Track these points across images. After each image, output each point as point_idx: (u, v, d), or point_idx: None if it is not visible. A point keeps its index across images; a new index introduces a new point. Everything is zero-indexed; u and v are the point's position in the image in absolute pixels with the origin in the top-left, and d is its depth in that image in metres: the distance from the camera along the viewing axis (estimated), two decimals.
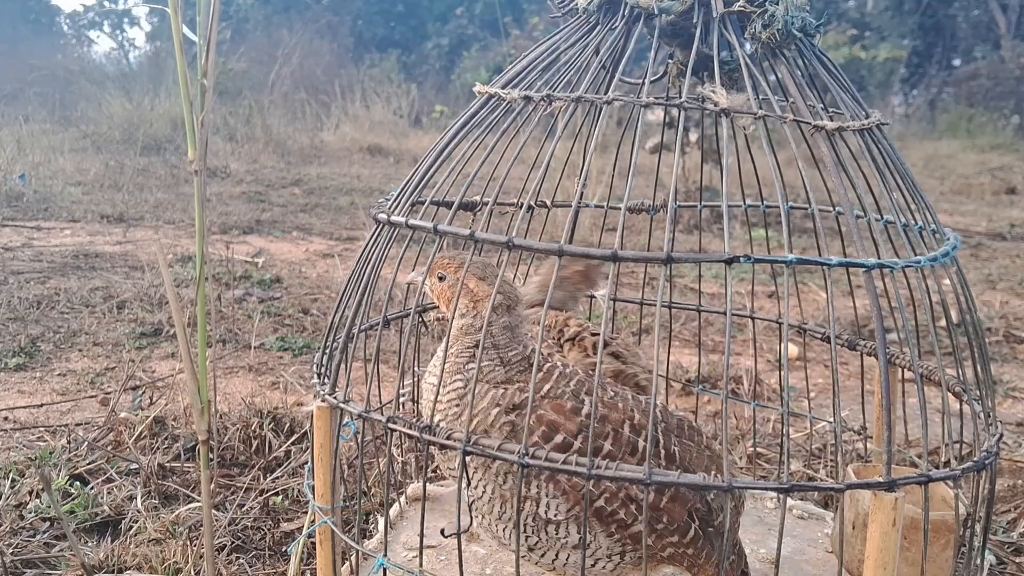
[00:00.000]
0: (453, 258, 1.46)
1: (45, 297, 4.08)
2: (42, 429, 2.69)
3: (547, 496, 1.33)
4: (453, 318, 1.38)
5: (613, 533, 1.35)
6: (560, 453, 1.22)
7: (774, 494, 2.12)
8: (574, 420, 1.32)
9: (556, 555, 1.39)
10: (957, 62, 18.94)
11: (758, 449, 2.55)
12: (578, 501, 1.32)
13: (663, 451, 1.38)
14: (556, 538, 1.36)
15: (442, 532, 1.51)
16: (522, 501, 1.33)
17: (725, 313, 1.17)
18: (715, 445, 1.49)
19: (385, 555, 1.38)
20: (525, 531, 1.36)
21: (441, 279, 1.47)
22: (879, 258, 1.22)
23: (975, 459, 1.31)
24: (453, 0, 21.33)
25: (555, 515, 1.34)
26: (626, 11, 1.42)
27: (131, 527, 2.08)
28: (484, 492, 1.38)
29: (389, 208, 1.49)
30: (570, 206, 1.46)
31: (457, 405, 1.38)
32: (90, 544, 2.06)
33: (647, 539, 1.31)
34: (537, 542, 1.37)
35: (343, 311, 1.53)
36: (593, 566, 1.39)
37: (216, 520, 2.11)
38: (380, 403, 1.67)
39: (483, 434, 1.31)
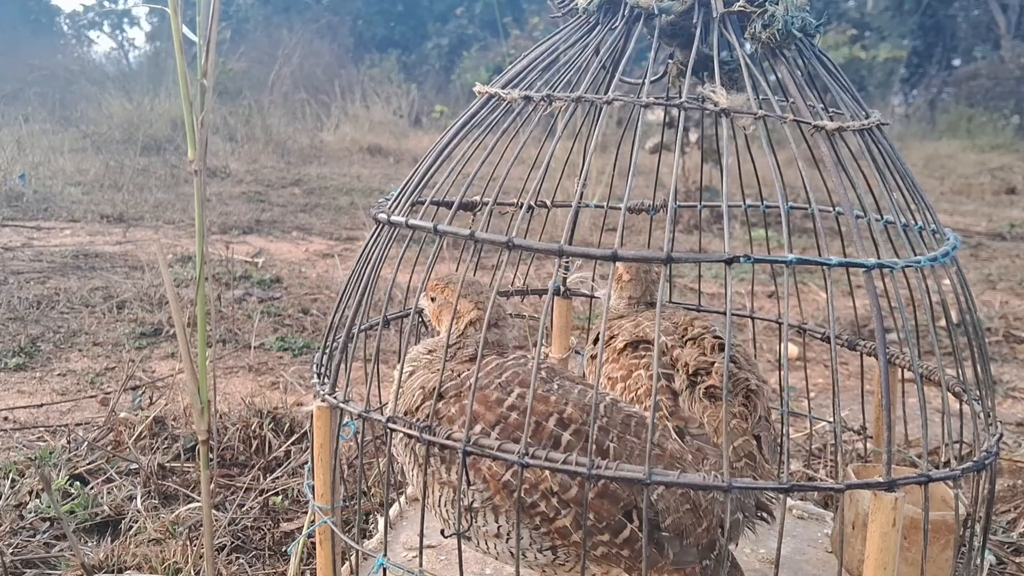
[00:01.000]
0: (441, 279, 1.60)
1: (45, 297, 4.08)
2: (42, 429, 2.69)
3: (465, 483, 1.33)
4: (448, 335, 1.40)
5: (538, 526, 1.33)
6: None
7: (774, 494, 2.11)
8: (494, 411, 1.34)
9: (486, 543, 1.39)
10: (957, 62, 18.94)
11: None
12: (498, 490, 1.32)
13: (595, 446, 1.29)
14: (477, 526, 1.36)
15: (442, 532, 1.51)
16: (442, 487, 1.39)
17: (725, 313, 1.17)
18: (669, 444, 1.44)
19: (385, 555, 1.38)
20: (447, 516, 1.38)
21: (432, 300, 1.60)
22: (879, 258, 1.22)
23: (975, 459, 1.31)
24: (453, 0, 21.33)
25: (472, 502, 1.34)
26: (626, 11, 1.42)
27: (131, 527, 2.08)
28: (411, 473, 1.46)
29: (389, 208, 1.49)
30: (570, 206, 1.47)
31: (400, 388, 1.45)
32: (90, 544, 2.06)
33: (574, 535, 1.31)
34: (467, 528, 1.38)
35: (343, 311, 1.53)
36: (524, 556, 1.36)
37: (216, 520, 2.11)
38: (380, 403, 1.67)
39: (408, 415, 1.41)
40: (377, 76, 15.23)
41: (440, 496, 1.40)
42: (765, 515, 1.55)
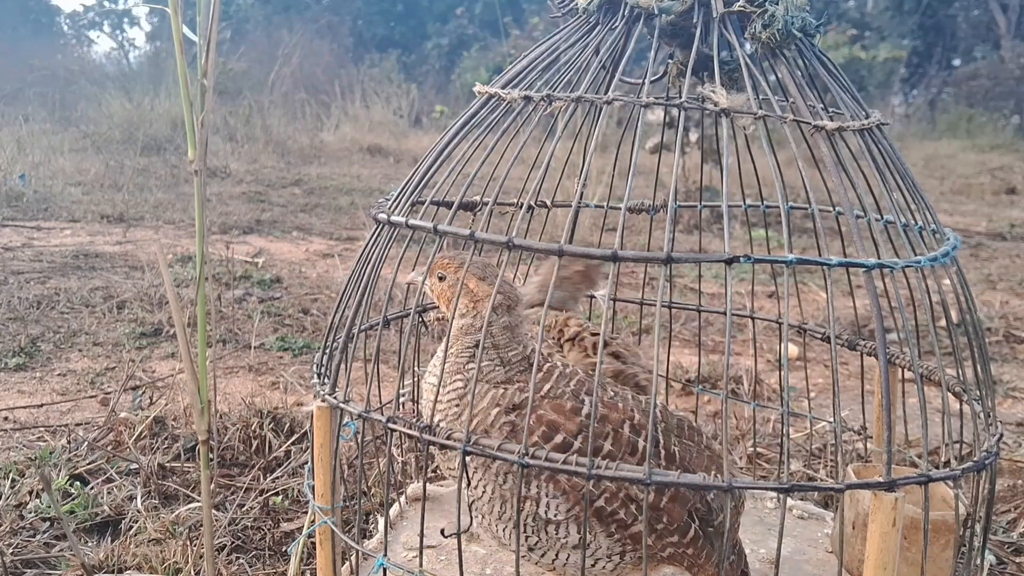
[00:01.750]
0: (453, 258, 1.47)
1: (45, 297, 4.08)
2: (42, 429, 2.69)
3: (547, 496, 1.33)
4: (453, 318, 1.38)
5: (613, 533, 1.35)
6: (560, 453, 1.22)
7: (774, 494, 2.12)
8: (574, 420, 1.32)
9: (556, 555, 1.39)
10: (957, 62, 18.94)
11: (758, 449, 2.55)
12: (578, 501, 1.32)
13: (663, 451, 1.38)
14: (556, 538, 1.36)
15: (442, 532, 1.51)
16: (522, 501, 1.33)
17: (725, 313, 1.17)
18: (715, 445, 1.49)
19: (385, 555, 1.38)
20: (525, 531, 1.36)
21: (441, 279, 1.47)
22: (879, 258, 1.22)
23: (975, 459, 1.31)
24: (453, 0, 21.33)
25: (555, 515, 1.34)
26: (626, 11, 1.42)
27: (131, 527, 2.08)
28: (484, 492, 1.38)
29: (389, 208, 1.49)
30: (570, 206, 1.46)
31: (457, 405, 1.38)
32: (90, 544, 2.06)
33: (647, 539, 1.31)
34: (537, 542, 1.37)
35: (343, 311, 1.53)
36: (593, 566, 1.39)
37: (216, 520, 2.11)
38: (380, 403, 1.67)
39: (483, 434, 1.31)
40: (377, 76, 15.23)
41: (521, 511, 1.35)
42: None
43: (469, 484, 1.39)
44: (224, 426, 2.57)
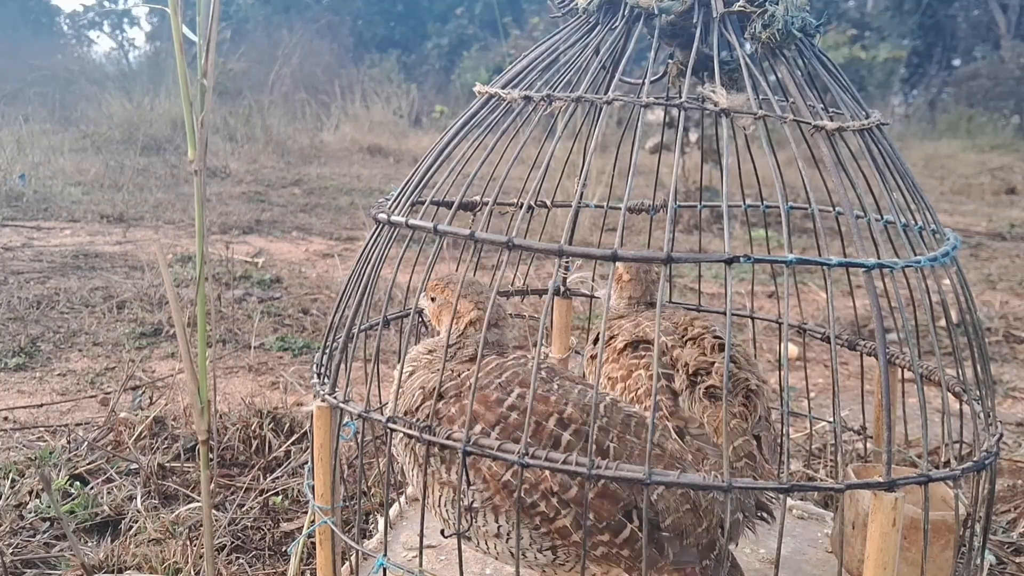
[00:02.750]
0: (441, 280, 1.59)
1: (45, 297, 4.08)
2: (42, 429, 2.69)
3: (465, 481, 1.33)
4: (448, 335, 1.40)
5: (538, 526, 1.33)
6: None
7: (774, 494, 2.11)
8: (494, 411, 1.34)
9: (486, 543, 1.39)
10: (957, 62, 18.94)
11: None
12: (498, 490, 1.32)
13: (595, 446, 1.29)
14: (477, 526, 1.36)
15: (442, 532, 1.51)
16: (442, 486, 1.38)
17: (725, 313, 1.17)
18: (669, 444, 1.44)
19: (385, 555, 1.38)
20: (448, 516, 1.38)
21: (432, 300, 1.60)
22: (879, 258, 1.22)
23: (975, 459, 1.31)
24: (453, 0, 21.33)
25: (471, 502, 1.34)
26: (626, 11, 1.42)
27: (131, 527, 2.08)
28: (411, 473, 1.45)
29: (389, 208, 1.49)
30: (570, 206, 1.46)
31: (400, 388, 1.45)
32: (90, 544, 2.06)
33: (574, 535, 1.31)
34: (467, 528, 1.38)
35: (343, 311, 1.53)
36: (524, 556, 1.36)
37: (216, 520, 2.11)
38: (380, 403, 1.67)
39: (408, 416, 1.40)
40: (377, 76, 15.23)
41: (440, 496, 1.40)
42: (765, 515, 1.55)
43: (469, 484, 1.39)
44: (224, 426, 2.57)
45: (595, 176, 5.21)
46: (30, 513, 2.14)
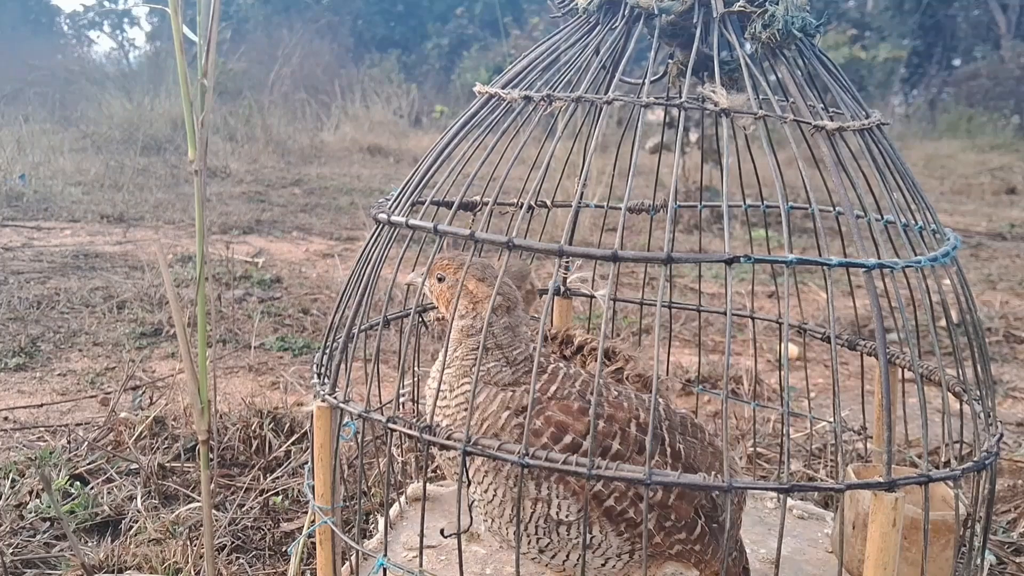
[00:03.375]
0: (452, 259, 1.46)
1: (45, 297, 4.08)
2: (42, 429, 2.69)
3: (557, 497, 1.33)
4: (453, 319, 1.38)
5: (623, 532, 1.36)
6: (572, 453, 1.23)
7: (774, 494, 2.12)
8: (582, 420, 1.32)
9: (567, 556, 1.39)
10: (957, 62, 18.94)
11: (758, 449, 2.55)
12: (588, 501, 1.33)
13: (669, 449, 1.38)
14: (567, 539, 1.36)
15: (442, 532, 1.51)
16: (534, 503, 1.34)
17: (725, 313, 1.17)
18: (716, 442, 1.50)
19: (385, 555, 1.38)
20: (536, 532, 1.36)
21: (440, 280, 1.47)
22: (879, 258, 1.22)
23: (975, 459, 1.31)
24: (453, 0, 21.33)
25: (566, 516, 1.34)
26: (626, 11, 1.42)
27: (131, 527, 2.08)
28: (495, 495, 1.38)
29: (389, 208, 1.49)
30: (570, 206, 1.46)
31: (466, 409, 1.37)
32: (90, 544, 2.06)
33: (657, 537, 1.35)
34: (548, 543, 1.37)
35: (343, 311, 1.53)
36: (603, 565, 1.39)
37: (216, 520, 2.11)
38: (380, 403, 1.67)
39: (494, 437, 1.31)
40: (377, 76, 15.23)
41: (532, 513, 1.36)
42: None
43: (470, 484, 1.39)
44: (224, 426, 2.57)
45: (595, 176, 5.21)
46: (30, 513, 2.13)
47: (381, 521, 2.01)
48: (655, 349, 1.21)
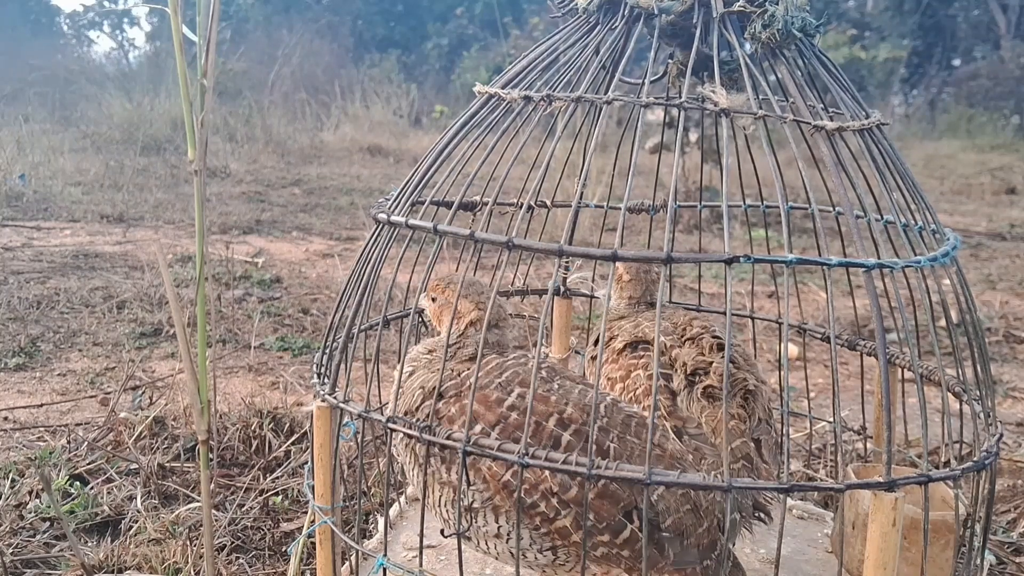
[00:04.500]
0: (442, 280, 1.59)
1: (45, 297, 4.08)
2: (42, 429, 2.69)
3: (465, 483, 1.33)
4: (448, 336, 1.39)
5: (539, 527, 1.33)
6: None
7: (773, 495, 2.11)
8: (494, 411, 1.34)
9: (486, 544, 1.39)
10: (957, 62, 18.94)
11: None
12: (498, 490, 1.32)
13: (595, 447, 1.28)
14: (478, 526, 1.36)
15: (442, 532, 1.51)
16: (442, 486, 1.38)
17: (725, 313, 1.17)
18: (669, 444, 1.44)
19: (385, 555, 1.38)
20: (448, 516, 1.38)
21: (433, 300, 1.60)
22: (879, 258, 1.21)
23: (975, 459, 1.31)
24: (453, 0, 21.32)
25: (472, 502, 1.34)
26: (626, 11, 1.42)
27: (131, 527, 2.08)
28: (412, 474, 1.45)
29: (389, 208, 1.49)
30: (570, 206, 1.46)
31: (400, 388, 1.44)
32: (90, 544, 2.06)
33: (574, 535, 1.31)
34: (467, 528, 1.37)
35: (343, 311, 1.53)
36: (524, 556, 1.36)
37: (216, 520, 2.11)
38: (380, 403, 1.67)
39: (408, 416, 1.40)
40: (377, 76, 15.23)
41: (440, 496, 1.39)
42: (763, 516, 1.55)
43: (469, 484, 1.39)
44: (224, 426, 2.56)
45: (595, 176, 5.21)
46: (30, 513, 2.13)
47: (381, 521, 2.01)
48: (655, 349, 1.20)
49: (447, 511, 1.39)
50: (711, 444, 1.58)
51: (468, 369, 1.44)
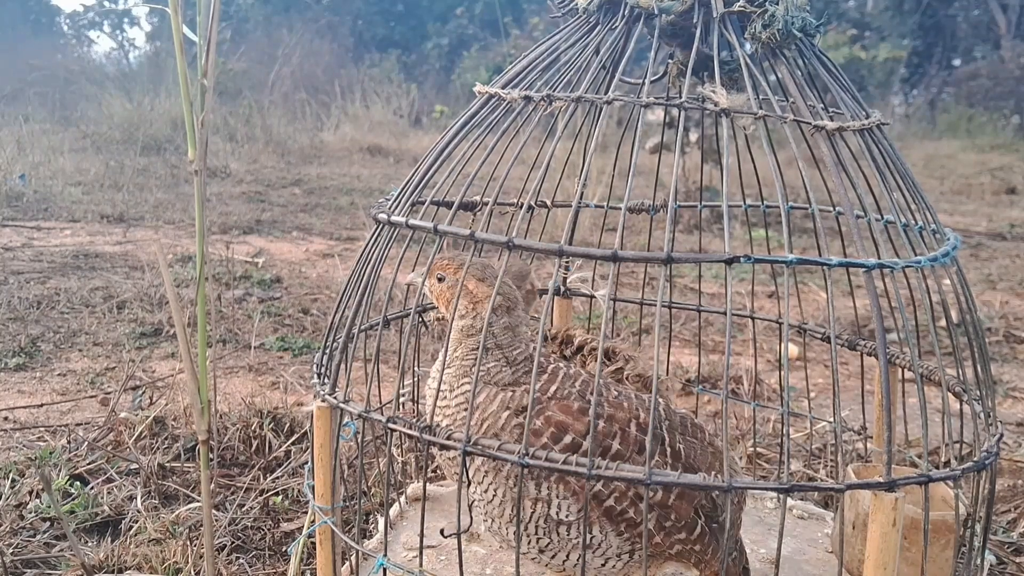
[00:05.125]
0: (452, 259, 1.47)
1: (45, 297, 4.08)
2: (42, 429, 2.69)
3: (557, 497, 1.33)
4: (453, 319, 1.38)
5: (623, 532, 1.36)
6: (572, 453, 1.22)
7: (774, 494, 2.12)
8: (582, 420, 1.32)
9: (567, 556, 1.39)
10: (957, 62, 18.93)
11: (758, 449, 2.55)
12: (588, 501, 1.33)
13: (669, 449, 1.38)
14: (567, 539, 1.36)
15: (442, 532, 1.51)
16: (534, 503, 1.34)
17: (725, 313, 1.17)
18: (716, 442, 1.50)
19: (385, 555, 1.38)
20: (536, 533, 1.36)
21: (440, 280, 1.48)
22: (879, 258, 1.22)
23: (975, 459, 1.31)
24: (453, 0, 21.32)
25: (566, 516, 1.34)
26: (626, 11, 1.42)
27: (131, 527, 2.08)
28: (495, 495, 1.38)
29: (389, 208, 1.49)
30: (570, 206, 1.46)
31: (466, 409, 1.38)
32: (90, 544, 2.06)
33: (657, 537, 1.35)
34: (548, 543, 1.37)
35: (343, 311, 1.53)
36: (603, 565, 1.39)
37: (216, 520, 2.11)
38: (380, 403, 1.67)
39: (493, 437, 1.31)
40: (377, 76, 15.23)
41: (532, 513, 1.35)
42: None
43: (470, 484, 1.39)
44: (224, 426, 2.56)
45: (595, 176, 5.21)
46: (30, 513, 2.13)
47: (381, 521, 2.01)
48: (655, 349, 1.20)
49: (541, 529, 1.36)
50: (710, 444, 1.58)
51: (540, 381, 1.38)
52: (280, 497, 2.26)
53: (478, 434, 1.30)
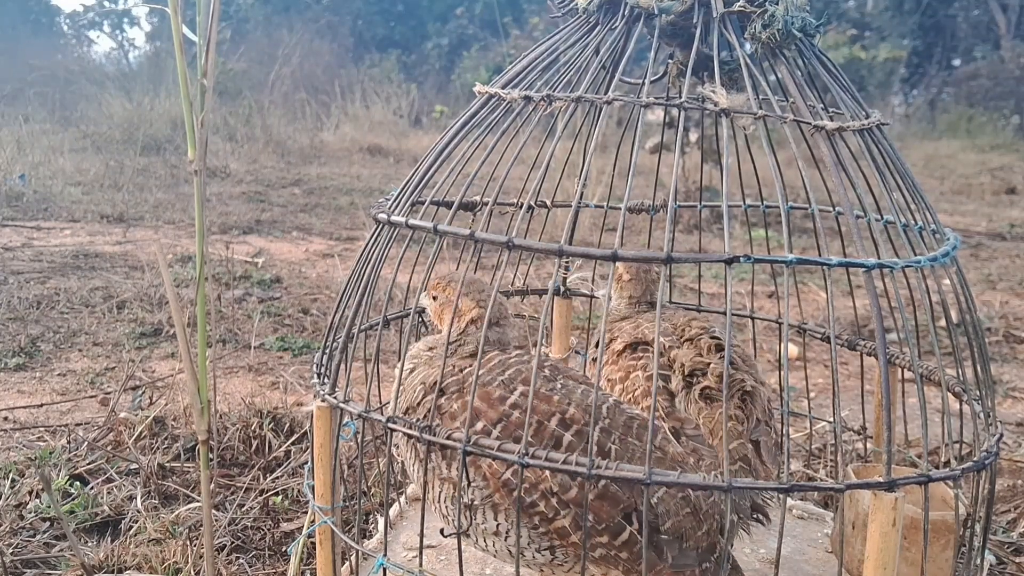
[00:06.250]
0: (443, 278, 1.59)
1: (45, 297, 4.08)
2: (42, 429, 2.69)
3: (465, 479, 1.32)
4: (449, 335, 1.39)
5: (537, 526, 1.32)
6: (483, 438, 1.25)
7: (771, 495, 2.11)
8: (496, 408, 1.33)
9: (485, 541, 1.38)
10: (957, 62, 18.93)
11: None
12: (498, 488, 1.32)
13: (596, 448, 1.29)
14: (475, 524, 1.36)
15: (442, 532, 1.51)
16: (442, 482, 1.37)
17: (725, 313, 1.17)
18: (669, 447, 1.43)
19: (385, 555, 1.38)
20: (448, 514, 1.37)
21: (434, 299, 1.60)
22: (879, 258, 1.21)
23: (975, 459, 1.31)
24: (453, 0, 21.32)
25: (471, 499, 1.34)
26: (626, 11, 1.42)
27: (131, 527, 2.09)
28: (413, 470, 1.44)
29: (389, 208, 1.49)
30: (570, 206, 1.46)
31: (401, 386, 1.45)
32: (90, 544, 2.06)
33: (574, 536, 1.31)
34: (467, 526, 1.37)
35: (343, 311, 1.53)
36: (523, 555, 1.36)
37: (216, 520, 2.11)
38: (380, 403, 1.67)
39: (410, 413, 1.40)
40: (377, 76, 15.23)
41: (440, 492, 1.39)
42: (761, 517, 1.55)
43: (469, 484, 1.39)
44: (224, 426, 2.57)
45: (595, 176, 5.22)
46: (30, 513, 2.14)
47: (381, 521, 2.01)
48: (655, 349, 1.20)
49: (447, 508, 1.39)
50: (708, 445, 1.58)
51: (470, 365, 1.43)
52: (280, 497, 2.26)
53: (400, 410, 1.38)
